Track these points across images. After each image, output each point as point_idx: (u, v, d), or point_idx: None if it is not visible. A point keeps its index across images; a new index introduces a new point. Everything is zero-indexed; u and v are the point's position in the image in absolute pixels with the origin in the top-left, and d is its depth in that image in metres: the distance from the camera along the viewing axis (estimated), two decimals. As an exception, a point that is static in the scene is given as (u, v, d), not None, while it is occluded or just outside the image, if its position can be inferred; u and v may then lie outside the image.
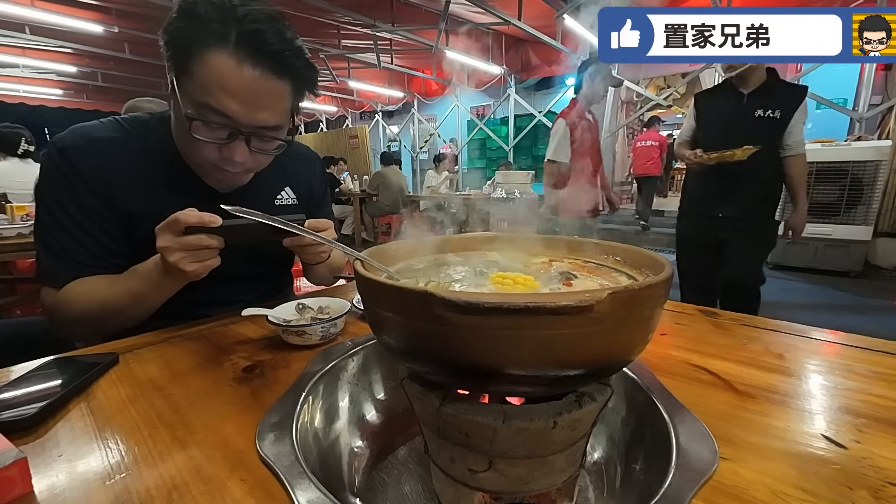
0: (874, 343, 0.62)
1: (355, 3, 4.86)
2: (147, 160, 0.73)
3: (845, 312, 3.08)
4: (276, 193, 0.89)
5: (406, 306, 0.29)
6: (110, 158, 0.71)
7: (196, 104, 0.61)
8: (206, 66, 0.59)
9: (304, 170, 0.94)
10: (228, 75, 0.59)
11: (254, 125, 0.64)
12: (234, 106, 0.61)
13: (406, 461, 0.49)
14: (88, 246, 0.70)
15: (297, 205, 0.92)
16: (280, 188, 0.90)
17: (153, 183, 0.73)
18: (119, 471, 0.37)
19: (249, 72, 0.60)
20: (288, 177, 0.91)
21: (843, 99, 4.98)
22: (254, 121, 0.64)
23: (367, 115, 10.50)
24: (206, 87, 0.60)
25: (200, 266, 0.59)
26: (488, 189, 5.29)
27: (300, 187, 0.93)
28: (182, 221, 0.56)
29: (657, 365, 0.54)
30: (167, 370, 0.56)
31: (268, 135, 0.67)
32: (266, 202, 0.87)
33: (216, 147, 0.66)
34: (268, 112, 0.64)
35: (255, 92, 0.62)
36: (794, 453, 0.38)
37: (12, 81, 7.46)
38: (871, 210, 3.61)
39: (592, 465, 0.47)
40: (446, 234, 0.59)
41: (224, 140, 0.65)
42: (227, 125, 0.63)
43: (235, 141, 0.65)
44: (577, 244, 0.50)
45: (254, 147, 0.67)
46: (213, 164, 0.69)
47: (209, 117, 0.62)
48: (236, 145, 0.65)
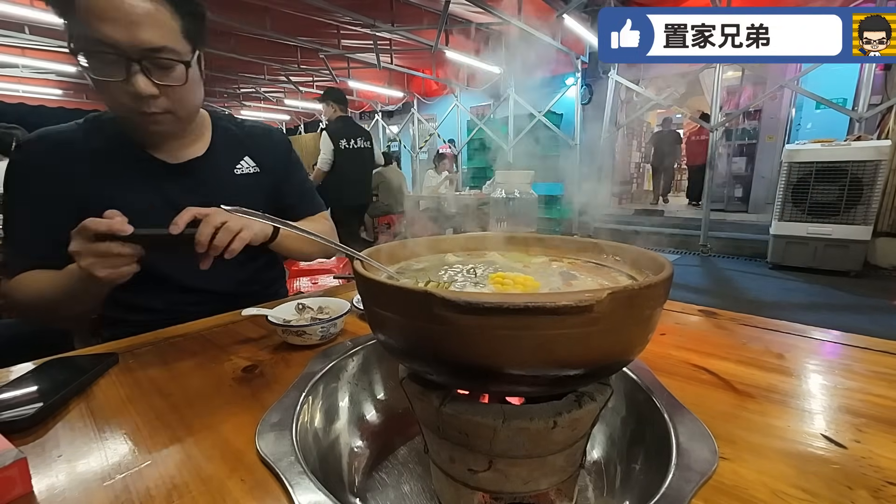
0: (874, 343, 0.62)
1: (355, 3, 4.86)
2: (102, 149, 0.76)
3: (845, 312, 3.08)
4: (236, 163, 0.89)
5: (406, 306, 0.29)
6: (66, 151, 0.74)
7: (82, 41, 0.62)
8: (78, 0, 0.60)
9: (262, 139, 0.94)
10: None
11: (139, 48, 0.63)
12: (110, 29, 0.61)
13: (406, 461, 0.49)
14: (40, 239, 0.71)
15: (259, 173, 0.91)
16: (239, 158, 0.89)
17: (108, 170, 0.76)
18: (119, 471, 0.37)
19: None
20: (246, 146, 0.91)
21: (842, 99, 4.97)
22: (137, 42, 0.62)
23: (366, 114, 10.49)
24: (84, 20, 0.60)
25: (114, 272, 0.57)
26: (488, 189, 5.29)
27: (260, 156, 0.92)
28: (90, 228, 0.55)
29: (657, 365, 0.54)
30: (167, 370, 0.56)
31: (159, 58, 0.65)
32: (226, 172, 0.87)
33: (122, 90, 0.65)
34: (148, 30, 0.63)
35: (127, 12, 0.61)
36: (794, 453, 0.38)
37: (12, 81, 7.44)
38: (870, 210, 3.61)
39: (592, 465, 0.47)
40: (446, 234, 0.59)
41: (122, 77, 0.64)
42: (114, 54, 0.62)
43: (134, 74, 0.64)
44: (577, 244, 0.50)
45: (155, 78, 0.66)
46: (131, 110, 0.68)
47: (94, 49, 0.62)
48: (136, 78, 0.64)
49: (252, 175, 0.90)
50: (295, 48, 6.23)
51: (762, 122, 6.79)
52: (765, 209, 6.02)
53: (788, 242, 4.03)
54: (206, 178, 0.83)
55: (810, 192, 3.81)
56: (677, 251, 5.20)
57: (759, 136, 6.82)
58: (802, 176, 3.84)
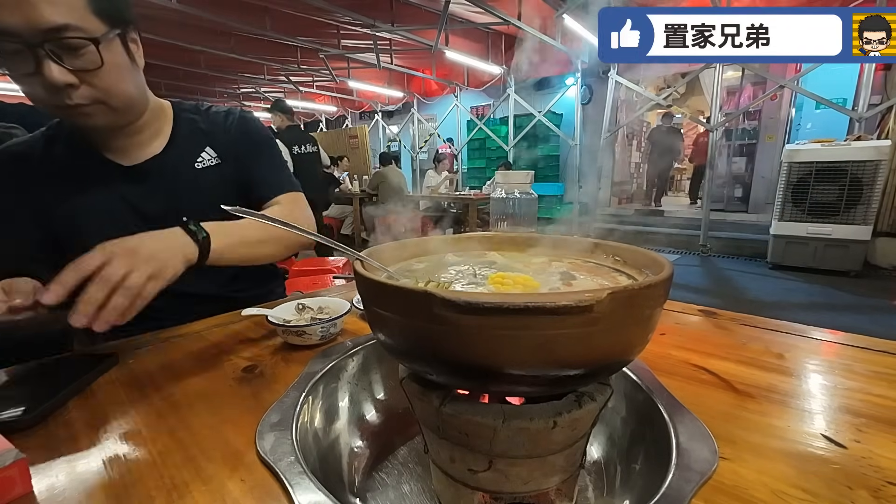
0: (874, 343, 0.62)
1: (355, 3, 4.86)
2: (60, 156, 0.75)
3: (845, 312, 3.08)
4: (196, 157, 0.82)
5: (406, 306, 0.29)
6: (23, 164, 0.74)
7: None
8: None
9: (224, 126, 0.86)
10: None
11: (37, 28, 0.55)
12: (3, 13, 0.54)
13: (406, 461, 0.49)
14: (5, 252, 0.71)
15: (221, 164, 0.84)
16: (199, 150, 0.83)
17: (67, 177, 0.75)
18: (119, 471, 0.37)
19: None
20: (207, 137, 0.84)
21: (842, 99, 4.98)
22: (33, 23, 0.55)
23: (366, 114, 10.49)
24: None
25: None
26: (488, 189, 5.29)
27: (222, 146, 0.85)
28: None
29: (657, 365, 0.54)
30: (167, 370, 0.56)
31: (64, 38, 0.57)
32: (185, 168, 0.81)
33: (37, 82, 0.58)
34: (43, 7, 0.55)
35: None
36: (794, 453, 0.38)
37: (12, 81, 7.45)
38: (870, 210, 3.61)
39: (592, 465, 0.47)
40: (446, 234, 0.59)
41: (31, 69, 0.57)
42: (13, 42, 0.55)
43: (42, 62, 0.57)
44: (577, 244, 0.50)
45: (67, 63, 0.59)
46: (56, 105, 0.62)
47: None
48: (46, 66, 0.57)
49: (213, 168, 0.83)
50: (295, 48, 6.23)
51: (762, 122, 6.79)
52: (765, 209, 6.02)
53: (788, 242, 4.04)
54: (164, 178, 0.79)
55: (810, 192, 3.81)
56: (677, 251, 5.20)
57: (759, 136, 6.82)
58: (802, 176, 3.84)
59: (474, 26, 5.84)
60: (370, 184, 6.03)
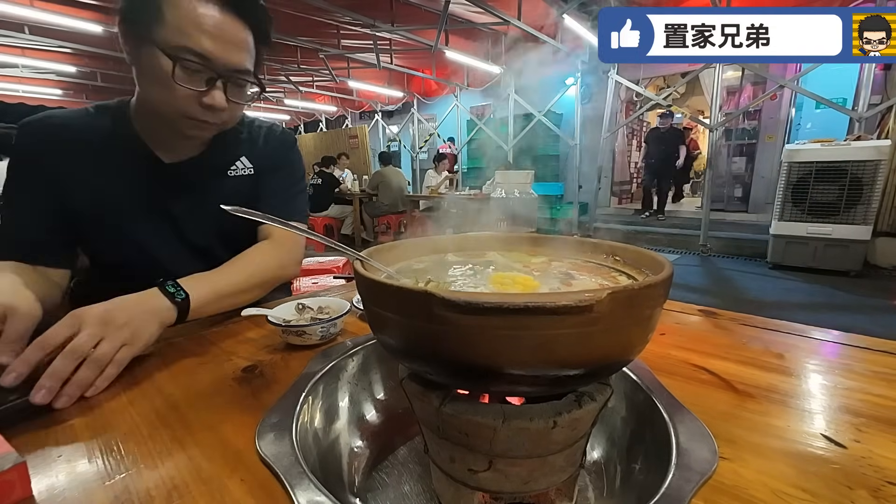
0: (874, 343, 0.62)
1: (355, 3, 4.86)
2: (103, 142, 0.76)
3: (845, 312, 3.08)
4: (231, 164, 0.86)
5: (406, 306, 0.29)
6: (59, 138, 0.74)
7: (173, 48, 0.64)
8: (180, 8, 0.63)
9: (263, 139, 0.91)
10: (202, 14, 0.64)
11: (229, 67, 0.68)
12: (209, 45, 0.65)
13: (406, 461, 0.49)
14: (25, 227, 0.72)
15: (252, 175, 0.88)
16: (235, 158, 0.87)
17: (98, 162, 0.76)
18: (119, 471, 0.36)
19: (220, 13, 0.65)
20: (245, 147, 0.88)
21: (842, 98, 4.98)
22: (229, 62, 0.67)
23: (366, 114, 10.49)
24: (182, 29, 0.63)
25: None
26: (488, 189, 5.29)
27: (258, 157, 0.89)
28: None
29: (657, 365, 0.54)
30: (167, 370, 0.56)
31: (241, 79, 0.71)
32: (219, 174, 0.85)
33: (196, 97, 0.67)
34: (240, 53, 0.69)
35: (226, 32, 0.66)
36: (794, 453, 0.38)
37: (12, 81, 7.45)
38: (870, 210, 3.61)
39: (592, 465, 0.47)
40: (446, 234, 0.59)
41: (203, 88, 0.67)
42: (205, 67, 0.66)
43: (214, 88, 0.68)
44: (577, 244, 0.50)
45: (230, 95, 0.70)
46: (191, 118, 0.70)
47: (187, 59, 0.64)
48: (215, 92, 0.68)
49: (246, 177, 0.87)
50: (295, 48, 6.24)
51: (762, 121, 6.79)
52: (765, 209, 6.02)
53: (788, 242, 4.04)
54: (196, 180, 0.82)
55: (810, 192, 3.81)
56: (677, 251, 5.21)
57: (759, 136, 6.83)
58: (802, 176, 3.84)
59: (474, 26, 5.84)
60: (370, 184, 6.03)
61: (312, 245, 4.78)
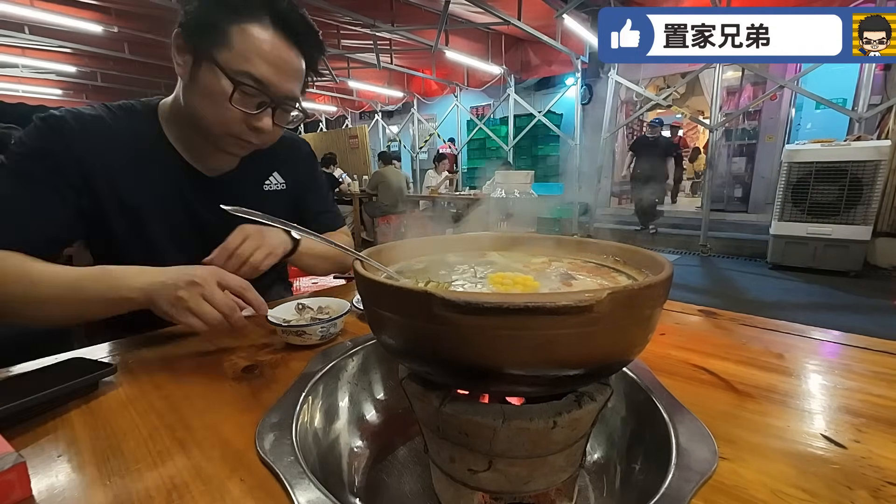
0: (874, 343, 0.62)
1: (355, 3, 4.86)
2: (133, 144, 0.74)
3: (845, 312, 3.09)
4: (265, 179, 0.89)
5: (406, 306, 0.29)
6: (97, 139, 0.71)
7: (235, 72, 0.65)
8: (249, 36, 0.65)
9: (290, 153, 0.94)
10: (270, 46, 0.66)
11: (283, 94, 0.70)
12: (271, 75, 0.67)
13: (406, 461, 0.49)
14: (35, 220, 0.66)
15: (285, 190, 0.92)
16: (268, 173, 0.90)
17: (137, 166, 0.74)
18: (118, 471, 0.36)
19: (284, 46, 0.67)
20: (275, 161, 0.90)
21: (842, 99, 4.98)
22: (285, 91, 0.70)
23: (366, 114, 10.49)
24: (247, 56, 0.65)
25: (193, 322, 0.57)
26: (488, 189, 5.29)
27: (288, 172, 0.93)
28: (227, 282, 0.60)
29: (657, 365, 0.54)
30: (167, 370, 0.56)
31: (291, 106, 0.73)
32: (255, 188, 0.88)
33: (245, 118, 0.69)
34: (295, 82, 0.71)
35: (286, 63, 0.68)
36: (794, 453, 0.38)
37: (12, 81, 7.45)
38: (870, 210, 3.61)
39: (592, 465, 0.47)
40: (446, 234, 0.59)
41: (254, 111, 0.69)
42: (261, 93, 0.68)
43: (265, 112, 0.70)
44: (577, 244, 0.50)
45: (276, 119, 0.72)
46: (236, 136, 0.71)
47: (247, 84, 0.66)
48: (266, 115, 0.70)
49: (280, 192, 0.91)
50: (295, 48, 6.22)
51: (762, 122, 6.79)
52: (765, 209, 6.02)
53: (788, 242, 4.04)
54: (234, 194, 0.81)
55: (810, 193, 3.82)
56: (677, 251, 5.20)
57: (759, 136, 6.83)
58: (802, 176, 3.84)
59: (474, 26, 5.84)
60: (370, 184, 6.03)
61: (312, 245, 4.79)
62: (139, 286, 0.59)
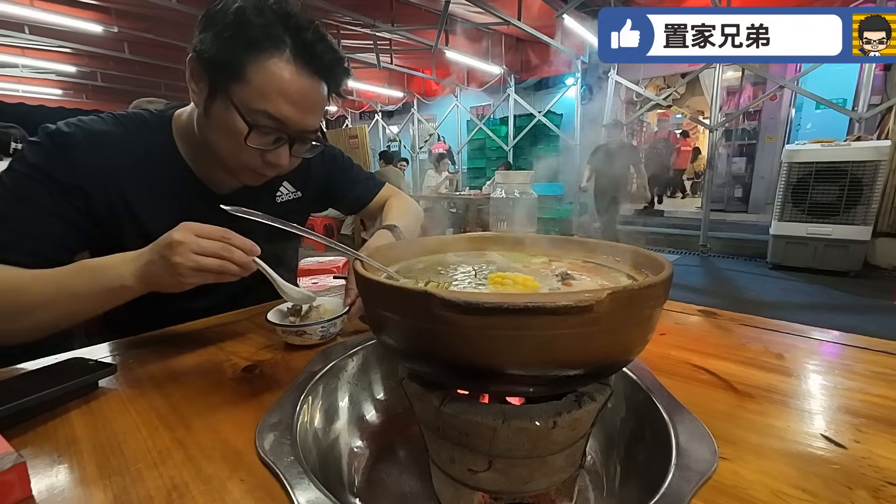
0: (874, 343, 0.62)
1: (355, 3, 4.86)
2: (146, 160, 0.71)
3: (845, 312, 3.09)
4: (276, 191, 0.87)
5: (406, 306, 0.29)
6: (108, 160, 0.67)
7: (251, 111, 0.61)
8: (267, 73, 0.59)
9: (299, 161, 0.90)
10: (290, 82, 0.61)
11: (301, 129, 0.66)
12: (290, 112, 0.62)
13: (406, 461, 0.49)
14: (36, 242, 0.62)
15: (302, 197, 0.90)
16: (277, 185, 0.87)
17: (150, 183, 0.71)
18: (118, 471, 0.36)
19: (307, 80, 0.62)
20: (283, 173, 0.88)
21: (842, 99, 4.98)
22: (304, 126, 0.65)
23: (366, 114, 10.49)
24: (265, 94, 0.60)
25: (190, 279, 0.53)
26: (488, 189, 5.29)
27: (300, 180, 0.89)
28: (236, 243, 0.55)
29: (657, 365, 0.54)
30: (167, 370, 0.56)
31: (308, 137, 0.69)
32: (268, 202, 0.85)
33: (261, 153, 0.65)
34: (315, 117, 0.66)
35: (308, 98, 0.63)
36: (794, 453, 0.38)
37: (12, 81, 7.45)
38: (870, 210, 3.61)
39: (592, 465, 0.47)
40: (446, 234, 0.59)
41: (270, 146, 0.65)
42: (278, 130, 0.64)
43: (281, 146, 0.66)
44: (577, 244, 0.50)
45: (294, 151, 0.68)
46: (250, 167, 0.68)
47: (264, 123, 0.62)
48: (282, 150, 0.66)
49: (294, 200, 0.89)
50: (295, 48, 6.22)
51: (762, 122, 6.79)
52: (765, 209, 6.02)
53: (788, 242, 4.04)
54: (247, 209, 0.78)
55: (810, 193, 3.82)
56: (677, 251, 5.20)
57: (759, 137, 6.83)
58: (802, 176, 3.84)
59: (474, 26, 5.84)
60: (370, 184, 6.01)
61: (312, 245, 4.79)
62: (131, 273, 0.55)
